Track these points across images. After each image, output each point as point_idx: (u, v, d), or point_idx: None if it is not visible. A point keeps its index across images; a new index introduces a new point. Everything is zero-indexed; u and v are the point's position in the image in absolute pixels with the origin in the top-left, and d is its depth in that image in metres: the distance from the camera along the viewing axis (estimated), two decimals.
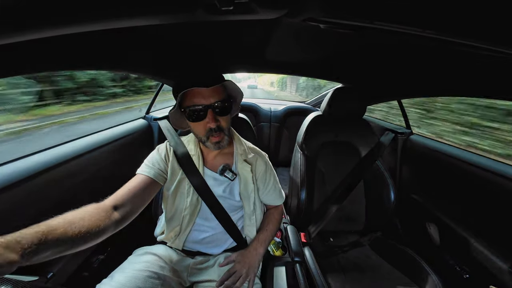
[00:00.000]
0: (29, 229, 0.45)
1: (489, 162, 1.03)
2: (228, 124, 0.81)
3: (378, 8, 0.43)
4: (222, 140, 0.79)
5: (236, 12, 0.43)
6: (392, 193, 1.23)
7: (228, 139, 0.82)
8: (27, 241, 0.42)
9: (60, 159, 0.87)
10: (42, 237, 0.45)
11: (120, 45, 0.78)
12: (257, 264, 0.84)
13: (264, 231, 0.93)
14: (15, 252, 0.39)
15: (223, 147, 0.81)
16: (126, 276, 0.68)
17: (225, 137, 0.80)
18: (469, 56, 0.64)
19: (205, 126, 0.76)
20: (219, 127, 0.77)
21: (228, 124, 0.82)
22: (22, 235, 0.43)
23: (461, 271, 1.04)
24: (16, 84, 4.14)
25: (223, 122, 0.78)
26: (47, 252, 0.46)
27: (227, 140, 0.81)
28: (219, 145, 0.79)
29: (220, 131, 0.77)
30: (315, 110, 2.16)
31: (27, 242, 0.42)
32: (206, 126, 0.75)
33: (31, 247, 0.42)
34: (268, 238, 0.93)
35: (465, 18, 0.41)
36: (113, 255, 1.08)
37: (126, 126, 1.37)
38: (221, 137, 0.78)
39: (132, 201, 0.69)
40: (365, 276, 1.07)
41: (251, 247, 0.88)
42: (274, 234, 0.97)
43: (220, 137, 0.78)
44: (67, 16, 0.38)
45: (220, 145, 0.80)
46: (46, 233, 0.46)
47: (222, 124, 0.78)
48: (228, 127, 0.81)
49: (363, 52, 0.90)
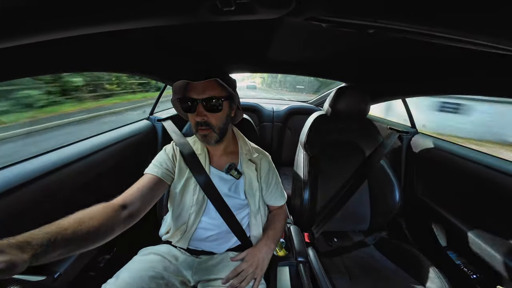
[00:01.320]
0: (39, 230, 0.46)
1: (496, 161, 1.01)
2: (219, 122, 0.80)
3: (381, 7, 0.43)
4: (209, 135, 0.80)
5: (237, 12, 0.43)
6: (397, 193, 1.21)
7: (216, 137, 0.82)
8: (37, 242, 0.43)
9: (66, 161, 0.88)
10: (52, 238, 0.46)
11: (121, 47, 0.78)
12: (266, 263, 0.85)
13: (272, 229, 0.94)
14: (26, 253, 0.40)
15: (210, 143, 0.82)
16: (131, 276, 0.69)
17: (213, 134, 0.80)
18: (473, 54, 0.63)
19: (194, 119, 0.79)
20: (205, 122, 0.78)
21: (219, 122, 0.81)
22: (32, 236, 0.43)
23: (468, 271, 1.02)
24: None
25: (212, 119, 0.79)
26: (57, 252, 0.47)
27: (216, 137, 0.82)
28: (206, 139, 0.81)
29: (207, 126, 0.78)
30: (318, 109, 2.15)
31: (37, 243, 0.43)
32: (194, 119, 0.78)
33: (41, 248, 0.43)
34: (277, 236, 0.93)
35: (470, 15, 0.41)
36: (119, 255, 1.09)
37: (130, 127, 1.38)
38: (208, 132, 0.79)
39: (140, 200, 0.70)
40: (370, 276, 1.06)
41: (261, 244, 0.88)
42: (281, 232, 0.97)
43: (207, 131, 0.79)
44: (70, 18, 0.38)
45: (207, 140, 0.81)
46: (56, 234, 0.47)
47: (211, 121, 0.78)
48: (219, 126, 0.81)
49: (366, 51, 0.89)
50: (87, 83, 6.52)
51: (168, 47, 0.91)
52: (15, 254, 0.38)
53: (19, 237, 0.42)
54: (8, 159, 0.78)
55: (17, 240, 0.41)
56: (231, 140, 0.94)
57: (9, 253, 0.38)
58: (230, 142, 0.93)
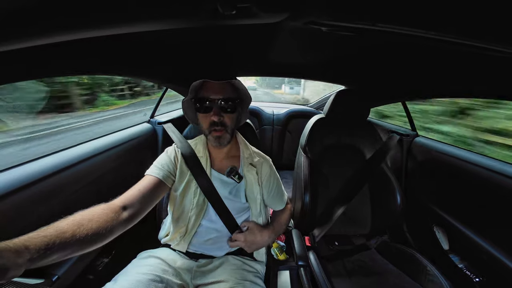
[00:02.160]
0: (37, 233, 0.45)
1: (497, 163, 1.01)
2: (232, 123, 0.83)
3: (380, 10, 0.43)
4: (223, 136, 0.81)
5: (238, 16, 0.44)
6: (398, 196, 1.21)
7: (229, 137, 0.83)
8: (35, 246, 0.42)
9: (66, 164, 0.88)
10: (50, 242, 0.45)
11: (123, 50, 0.79)
12: (260, 245, 0.89)
13: (277, 222, 0.98)
14: (22, 257, 0.40)
15: (223, 144, 0.83)
16: (129, 279, 0.68)
17: (226, 135, 0.82)
18: (473, 56, 0.64)
19: (209, 119, 0.79)
20: (222, 122, 0.79)
21: (232, 123, 0.83)
22: (30, 240, 0.43)
23: (470, 275, 1.01)
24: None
25: (227, 119, 0.80)
26: (55, 256, 0.46)
27: (228, 138, 0.83)
28: (219, 140, 0.82)
29: (222, 126, 0.80)
30: (318, 112, 2.16)
31: (34, 247, 0.42)
32: (210, 119, 0.79)
33: (38, 253, 0.42)
34: (278, 229, 0.96)
35: (468, 18, 0.41)
36: (118, 258, 1.08)
37: (131, 130, 1.38)
38: (222, 133, 0.81)
39: (140, 201, 0.70)
40: (371, 280, 1.05)
41: (266, 232, 0.90)
42: (283, 227, 1.00)
43: (222, 132, 0.81)
44: (70, 21, 0.39)
45: (220, 141, 0.82)
46: (55, 238, 0.46)
47: (226, 121, 0.80)
48: (231, 126, 0.83)
49: (366, 54, 0.90)
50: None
51: (169, 50, 0.92)
52: (9, 259, 0.38)
53: (17, 240, 0.41)
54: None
55: (15, 243, 0.40)
56: (233, 143, 0.94)
57: (3, 257, 0.37)
58: (232, 145, 0.93)
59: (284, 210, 1.04)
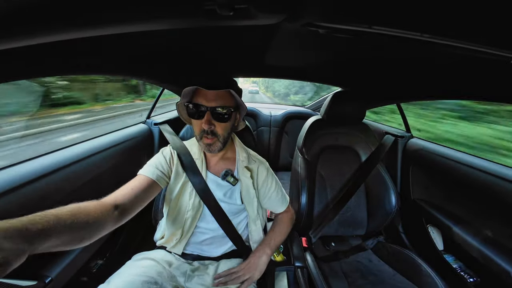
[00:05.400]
0: (37, 216, 0.44)
1: (491, 164, 1.03)
2: (224, 131, 0.81)
3: (376, 13, 0.44)
4: (213, 144, 0.80)
5: (236, 17, 0.44)
6: (393, 197, 1.22)
7: (220, 146, 0.82)
8: (36, 229, 0.41)
9: (61, 164, 0.87)
10: (50, 225, 0.44)
11: (120, 51, 0.79)
12: (260, 269, 0.84)
13: (273, 237, 0.94)
14: (25, 241, 0.38)
15: (213, 151, 0.82)
16: (123, 281, 0.67)
17: (217, 143, 0.81)
18: (467, 59, 0.65)
19: (200, 126, 0.78)
20: (212, 131, 0.78)
21: (225, 132, 0.81)
22: (31, 222, 0.41)
23: (465, 275, 1.02)
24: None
25: (218, 128, 0.79)
26: (53, 242, 0.44)
27: (220, 146, 0.82)
28: (210, 148, 0.81)
29: (213, 135, 0.78)
30: (315, 114, 2.17)
31: (36, 229, 0.41)
32: (201, 126, 0.77)
33: (39, 235, 0.41)
34: (278, 243, 0.93)
35: (463, 21, 0.42)
36: (112, 260, 1.07)
37: (127, 131, 1.37)
38: (213, 141, 0.79)
39: (132, 201, 0.68)
40: (367, 281, 1.06)
41: (260, 252, 0.87)
42: (285, 236, 0.98)
43: (212, 140, 0.79)
44: (67, 21, 0.38)
45: (211, 149, 0.81)
46: (54, 222, 0.45)
47: (217, 130, 0.79)
48: (224, 135, 0.81)
49: (362, 56, 0.91)
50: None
51: (166, 51, 0.91)
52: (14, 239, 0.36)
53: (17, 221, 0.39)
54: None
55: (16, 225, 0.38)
56: (230, 146, 0.94)
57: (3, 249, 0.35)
58: (228, 148, 0.93)
59: (284, 219, 1.02)
